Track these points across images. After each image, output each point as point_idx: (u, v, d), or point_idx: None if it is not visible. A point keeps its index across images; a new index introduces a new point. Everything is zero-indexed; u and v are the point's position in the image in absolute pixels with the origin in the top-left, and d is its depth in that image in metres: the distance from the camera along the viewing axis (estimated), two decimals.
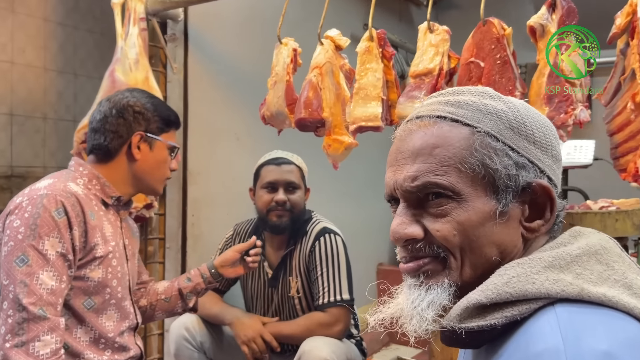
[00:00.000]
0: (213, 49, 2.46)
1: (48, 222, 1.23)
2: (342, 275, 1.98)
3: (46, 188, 1.29)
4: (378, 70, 1.55)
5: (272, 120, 1.82)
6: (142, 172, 1.44)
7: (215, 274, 1.70)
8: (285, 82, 1.73)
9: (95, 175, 1.41)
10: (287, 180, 2.01)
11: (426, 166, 0.69)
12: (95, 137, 1.42)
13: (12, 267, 1.21)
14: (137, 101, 1.43)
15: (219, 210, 2.49)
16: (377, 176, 3.35)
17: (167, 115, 1.48)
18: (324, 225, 2.07)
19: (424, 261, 0.70)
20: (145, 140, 1.43)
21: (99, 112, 1.43)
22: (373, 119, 1.51)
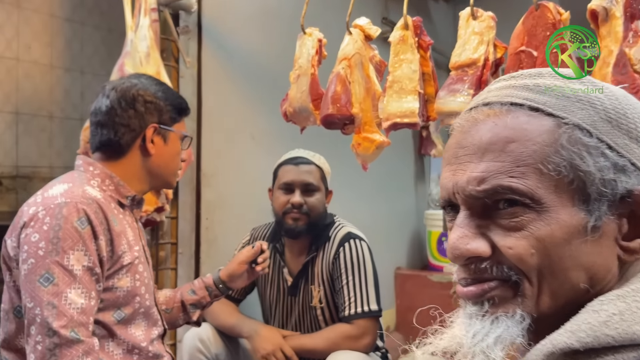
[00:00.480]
0: (228, 42, 2.32)
1: (71, 234, 1.12)
2: (369, 284, 1.84)
3: (63, 195, 1.16)
4: (414, 62, 1.41)
5: (294, 117, 1.68)
6: (156, 167, 1.33)
7: (224, 288, 1.60)
8: (309, 75, 1.59)
9: (108, 174, 1.28)
10: (305, 181, 1.88)
11: (497, 165, 0.55)
12: (103, 131, 1.28)
13: (37, 288, 1.09)
14: (147, 89, 1.30)
15: (235, 213, 2.35)
16: (395, 176, 3.22)
17: (178, 103, 1.37)
18: (348, 230, 1.94)
19: (490, 285, 0.56)
20: (159, 133, 1.31)
21: (104, 103, 1.28)
22: (409, 115, 1.37)
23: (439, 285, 3.43)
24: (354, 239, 1.89)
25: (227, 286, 1.60)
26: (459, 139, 0.59)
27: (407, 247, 3.93)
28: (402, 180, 3.84)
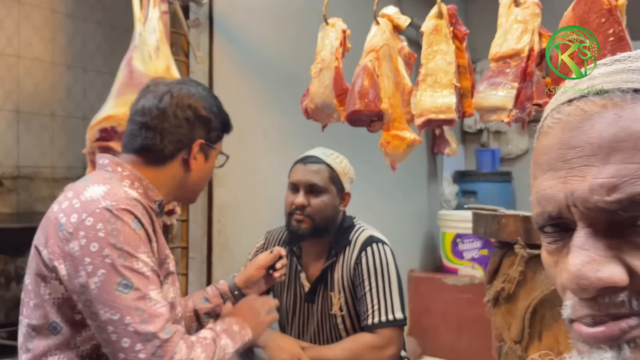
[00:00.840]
0: (241, 36, 2.22)
1: (132, 237, 1.05)
2: (393, 290, 1.74)
3: (105, 198, 1.07)
4: (449, 53, 1.30)
5: (316, 114, 1.57)
6: (191, 183, 1.26)
7: (239, 295, 1.51)
8: (333, 69, 1.48)
9: (138, 176, 1.18)
10: (309, 181, 1.76)
11: (632, 168, 0.43)
12: (148, 134, 1.18)
13: (118, 297, 1.02)
14: (204, 103, 1.23)
15: (248, 216, 2.25)
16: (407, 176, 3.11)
17: (226, 121, 1.31)
18: (370, 234, 1.83)
19: (630, 323, 0.44)
20: (203, 150, 1.24)
21: (155, 104, 1.19)
22: (445, 111, 1.26)
23: (455, 289, 3.33)
24: (376, 243, 1.79)
25: (242, 293, 1.52)
26: (564, 137, 0.47)
27: (420, 249, 3.83)
28: (414, 179, 3.75)
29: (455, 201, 4.07)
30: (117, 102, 1.76)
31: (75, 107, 4.10)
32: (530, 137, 4.28)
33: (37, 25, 4.00)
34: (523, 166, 4.26)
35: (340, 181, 1.81)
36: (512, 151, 4.30)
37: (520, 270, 1.41)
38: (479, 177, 4.02)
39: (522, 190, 4.12)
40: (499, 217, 1.49)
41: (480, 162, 4.13)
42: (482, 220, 1.60)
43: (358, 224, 1.90)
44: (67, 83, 4.12)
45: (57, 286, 1.06)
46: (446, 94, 1.27)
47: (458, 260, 3.48)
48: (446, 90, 1.27)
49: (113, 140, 1.76)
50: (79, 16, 4.24)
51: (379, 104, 1.36)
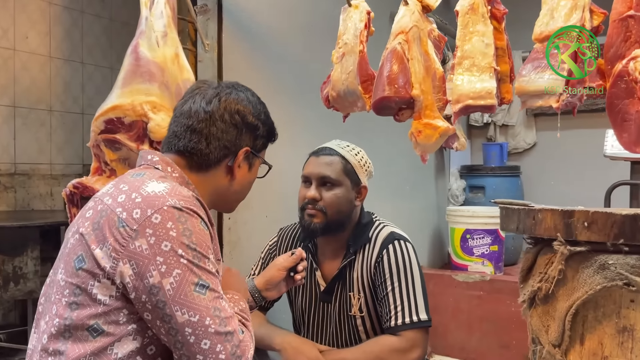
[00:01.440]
0: (251, 23, 2.11)
1: (203, 238, 1.01)
2: (417, 290, 1.64)
3: (171, 195, 1.01)
4: (487, 34, 1.20)
5: (338, 102, 1.47)
6: (232, 193, 1.21)
7: (259, 297, 1.48)
8: (357, 53, 1.38)
9: (186, 180, 1.12)
10: (320, 173, 1.68)
11: None
12: (193, 137, 1.12)
13: (196, 298, 0.98)
14: (253, 109, 1.18)
15: (260, 212, 2.15)
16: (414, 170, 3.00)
17: (273, 129, 1.25)
18: (391, 230, 1.73)
19: None
20: (247, 158, 1.19)
21: (203, 107, 1.14)
22: (485, 96, 1.16)
23: (465, 285, 3.25)
24: (398, 240, 1.69)
25: (262, 295, 1.48)
26: None
27: (428, 245, 3.75)
28: (422, 175, 3.66)
29: (462, 196, 4.00)
30: (123, 92, 1.65)
31: (74, 101, 3.98)
32: (538, 130, 4.20)
33: (33, 18, 3.87)
34: (531, 160, 4.19)
35: (355, 174, 1.71)
36: (520, 145, 4.22)
37: (560, 268, 1.32)
38: (486, 172, 3.94)
39: (531, 184, 4.05)
40: (535, 212, 1.40)
41: (488, 156, 4.06)
42: (513, 216, 1.51)
43: (377, 220, 1.80)
44: (64, 77, 4.00)
45: (109, 286, 0.98)
46: (485, 78, 1.17)
47: (467, 256, 3.41)
48: (485, 74, 1.18)
49: (119, 132, 1.65)
50: (77, 8, 4.12)
51: (410, 90, 1.26)
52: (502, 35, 1.23)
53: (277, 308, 2.02)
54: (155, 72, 1.68)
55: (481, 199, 3.84)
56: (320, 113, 2.27)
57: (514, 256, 3.74)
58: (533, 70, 1.11)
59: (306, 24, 2.28)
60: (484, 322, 3.11)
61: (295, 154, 2.27)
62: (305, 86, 2.26)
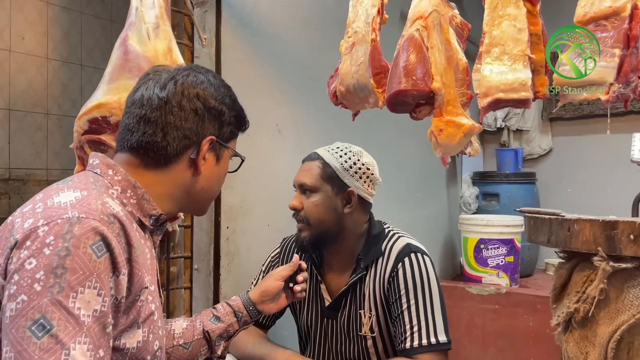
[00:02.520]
0: (253, 16, 1.96)
1: (83, 264, 0.79)
2: (435, 308, 1.48)
3: (76, 207, 0.83)
4: (519, 18, 1.04)
5: (347, 98, 1.31)
6: (199, 190, 1.04)
7: (254, 311, 1.32)
8: (369, 42, 1.22)
9: (132, 183, 0.95)
10: (298, 180, 1.58)
11: None
12: (147, 129, 0.96)
13: (25, 339, 0.75)
14: (214, 92, 1.02)
15: (261, 221, 1.99)
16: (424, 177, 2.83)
17: (242, 115, 1.10)
18: (407, 242, 1.57)
19: None
20: (214, 149, 1.03)
21: (157, 94, 0.98)
22: (519, 88, 1.00)
23: (479, 298, 3.09)
24: (415, 253, 1.53)
25: (257, 309, 1.33)
26: None
27: (440, 255, 3.59)
28: (432, 181, 3.50)
29: (475, 204, 3.84)
30: (110, 88, 1.51)
31: (72, 105, 3.84)
32: (554, 135, 4.03)
33: (30, 18, 3.76)
34: (547, 167, 4.03)
35: (338, 177, 1.54)
36: (535, 150, 4.05)
37: (601, 288, 1.15)
38: (500, 179, 3.78)
39: (547, 192, 3.88)
40: (570, 222, 1.23)
41: (502, 162, 3.90)
42: (543, 227, 1.34)
43: (391, 230, 1.64)
44: (62, 80, 3.87)
45: None
46: (518, 68, 1.01)
47: (482, 267, 3.25)
48: (518, 63, 1.01)
49: (105, 132, 1.51)
50: (76, 9, 3.99)
51: (430, 82, 1.10)
52: (536, 19, 1.07)
53: (279, 324, 1.86)
54: (145, 67, 1.52)
55: (495, 207, 3.68)
56: (327, 114, 2.12)
57: (529, 267, 3.57)
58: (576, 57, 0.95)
59: (313, 18, 2.13)
60: (499, 337, 2.96)
61: (300, 158, 2.11)
62: (311, 85, 2.10)
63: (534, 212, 1.44)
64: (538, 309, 2.83)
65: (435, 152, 1.17)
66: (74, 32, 4.01)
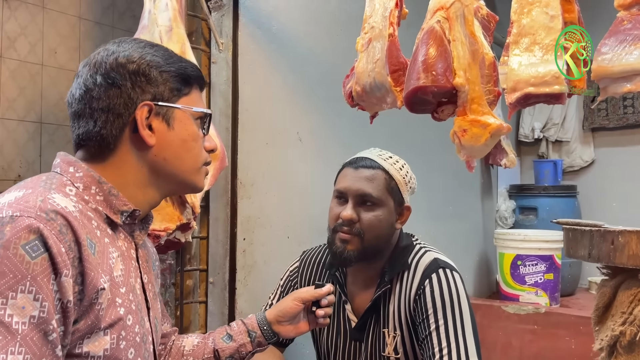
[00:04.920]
0: (272, 20, 1.89)
1: (14, 267, 0.72)
2: (466, 329, 1.35)
3: (12, 206, 0.77)
4: (551, 5, 0.93)
5: (364, 98, 1.22)
6: (162, 162, 0.92)
7: (269, 332, 1.23)
8: (386, 37, 1.13)
9: (96, 179, 0.88)
10: (360, 190, 1.41)
11: None
12: (80, 123, 0.90)
13: None
14: (130, 55, 0.92)
15: (279, 233, 1.91)
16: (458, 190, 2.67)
17: (180, 68, 0.95)
18: (435, 257, 1.45)
19: None
20: (158, 114, 0.92)
21: (77, 85, 0.92)
22: (551, 82, 0.89)
23: (516, 318, 2.92)
24: (443, 269, 1.41)
25: (272, 330, 1.24)
26: None
27: (474, 272, 3.42)
28: (466, 194, 3.36)
29: (512, 218, 3.67)
30: None
31: None
32: (596, 147, 3.84)
33: (62, 33, 3.82)
34: (588, 179, 3.82)
35: (399, 192, 1.45)
36: (576, 162, 3.86)
37: None
38: (539, 192, 3.60)
39: (589, 206, 3.68)
40: (614, 234, 1.10)
41: (540, 174, 3.72)
42: (583, 240, 1.21)
43: (418, 243, 1.53)
44: None
45: None
46: (550, 59, 0.90)
47: (519, 285, 3.08)
48: (550, 54, 0.90)
49: None
50: (108, 24, 4.04)
51: (452, 78, 1.00)
52: (572, 6, 0.96)
53: (299, 342, 1.76)
54: None
55: (533, 222, 3.50)
56: (350, 122, 2.03)
57: (571, 286, 3.36)
58: (618, 44, 0.83)
59: (334, 22, 2.06)
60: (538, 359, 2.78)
61: (322, 167, 2.02)
62: (333, 92, 2.02)
63: (572, 224, 1.31)
64: (581, 331, 2.64)
65: (459, 155, 1.06)
66: None
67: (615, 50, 0.84)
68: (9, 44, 3.22)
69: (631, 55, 0.81)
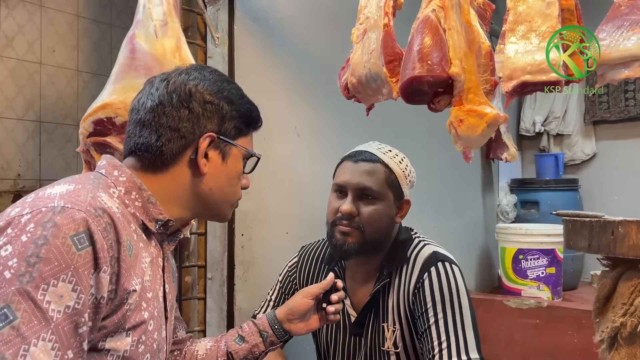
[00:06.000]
0: (268, 13, 1.88)
1: (60, 255, 0.74)
2: (466, 323, 1.34)
3: (63, 197, 0.80)
4: None
5: (359, 90, 1.20)
6: (208, 192, 0.98)
7: (280, 330, 1.24)
8: (381, 28, 1.12)
9: (137, 185, 0.92)
10: (360, 184, 1.41)
11: None
12: (143, 133, 0.94)
13: None
14: (210, 86, 0.97)
15: (278, 228, 1.90)
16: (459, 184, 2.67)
17: (248, 110, 1.03)
18: (434, 250, 1.44)
19: None
20: (217, 147, 0.97)
21: (150, 96, 0.96)
22: (547, 69, 0.87)
23: (518, 312, 2.91)
24: (442, 262, 1.40)
25: (284, 328, 1.25)
26: None
27: (476, 267, 3.41)
28: (467, 189, 3.35)
29: (513, 213, 3.66)
30: (115, 88, 1.46)
31: None
32: (598, 140, 3.81)
33: (60, 31, 3.80)
34: (590, 173, 3.80)
35: (399, 186, 1.44)
36: (577, 156, 3.84)
37: None
38: (540, 186, 3.59)
39: (591, 199, 3.66)
40: (614, 225, 1.09)
41: (542, 168, 3.71)
42: (583, 231, 1.20)
43: (417, 237, 1.52)
44: (92, 91, 3.87)
45: None
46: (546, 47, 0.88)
47: (521, 279, 3.07)
48: (547, 42, 0.89)
49: (110, 134, 1.45)
50: (105, 21, 4.03)
51: (448, 67, 0.98)
52: None
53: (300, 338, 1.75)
54: (153, 66, 1.47)
55: (535, 216, 3.49)
56: (348, 117, 2.02)
57: (574, 280, 3.35)
58: (615, 30, 0.82)
59: (334, 16, 2.04)
60: (541, 354, 2.76)
61: (320, 161, 2.01)
62: (330, 85, 2.00)
63: (572, 215, 1.30)
64: (583, 325, 2.62)
65: (455, 145, 1.05)
66: (104, 45, 4.04)
67: (612, 36, 0.83)
68: (7, 43, 3.21)
69: (629, 41, 0.80)
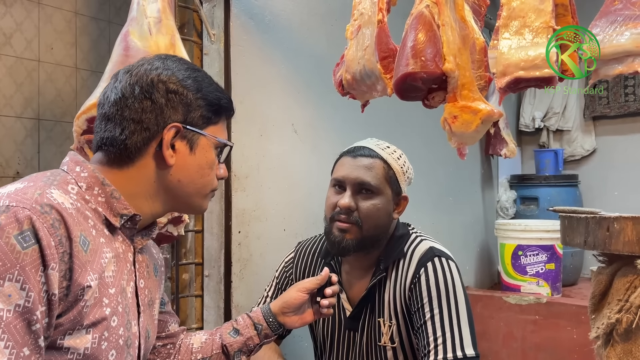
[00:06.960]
0: (265, 9, 1.88)
1: (4, 255, 0.74)
2: (461, 319, 1.34)
3: (10, 196, 0.79)
4: None
5: (354, 86, 1.20)
6: (176, 184, 0.96)
7: (275, 323, 1.23)
8: (376, 24, 1.11)
9: (99, 180, 0.90)
10: (358, 178, 1.41)
11: None
12: (108, 127, 0.93)
13: None
14: (173, 75, 0.95)
15: (275, 226, 1.89)
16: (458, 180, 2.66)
17: (216, 98, 0.99)
18: (430, 245, 1.44)
19: None
20: (184, 137, 0.95)
21: (114, 89, 0.95)
22: (541, 65, 0.87)
23: (517, 308, 2.91)
24: (439, 257, 1.40)
25: (278, 321, 1.25)
26: None
27: (475, 263, 3.41)
28: (466, 185, 3.34)
29: (513, 209, 3.65)
30: None
31: None
32: (597, 135, 3.81)
33: (58, 29, 3.80)
34: (590, 168, 3.79)
35: (397, 181, 1.44)
36: (577, 152, 3.83)
37: None
38: (540, 182, 3.58)
39: (591, 195, 3.65)
40: (609, 221, 1.09)
41: (541, 164, 3.70)
42: (579, 227, 1.20)
43: (414, 232, 1.52)
44: (90, 89, 3.85)
45: None
46: (541, 42, 0.88)
47: (520, 275, 3.07)
48: (540, 37, 0.88)
49: None
50: (104, 19, 4.02)
51: (442, 63, 0.98)
52: None
53: (297, 334, 1.76)
54: None
55: (534, 212, 3.49)
56: (345, 113, 2.01)
57: (572, 276, 3.35)
58: (609, 25, 0.81)
59: (329, 12, 2.04)
60: (540, 350, 2.76)
61: (317, 158, 2.01)
62: (327, 82, 2.00)
63: (568, 212, 1.29)
64: (582, 321, 2.62)
65: (450, 142, 1.05)
66: (103, 42, 4.04)
67: (606, 31, 0.82)
68: (5, 41, 3.21)
69: (622, 36, 0.79)
